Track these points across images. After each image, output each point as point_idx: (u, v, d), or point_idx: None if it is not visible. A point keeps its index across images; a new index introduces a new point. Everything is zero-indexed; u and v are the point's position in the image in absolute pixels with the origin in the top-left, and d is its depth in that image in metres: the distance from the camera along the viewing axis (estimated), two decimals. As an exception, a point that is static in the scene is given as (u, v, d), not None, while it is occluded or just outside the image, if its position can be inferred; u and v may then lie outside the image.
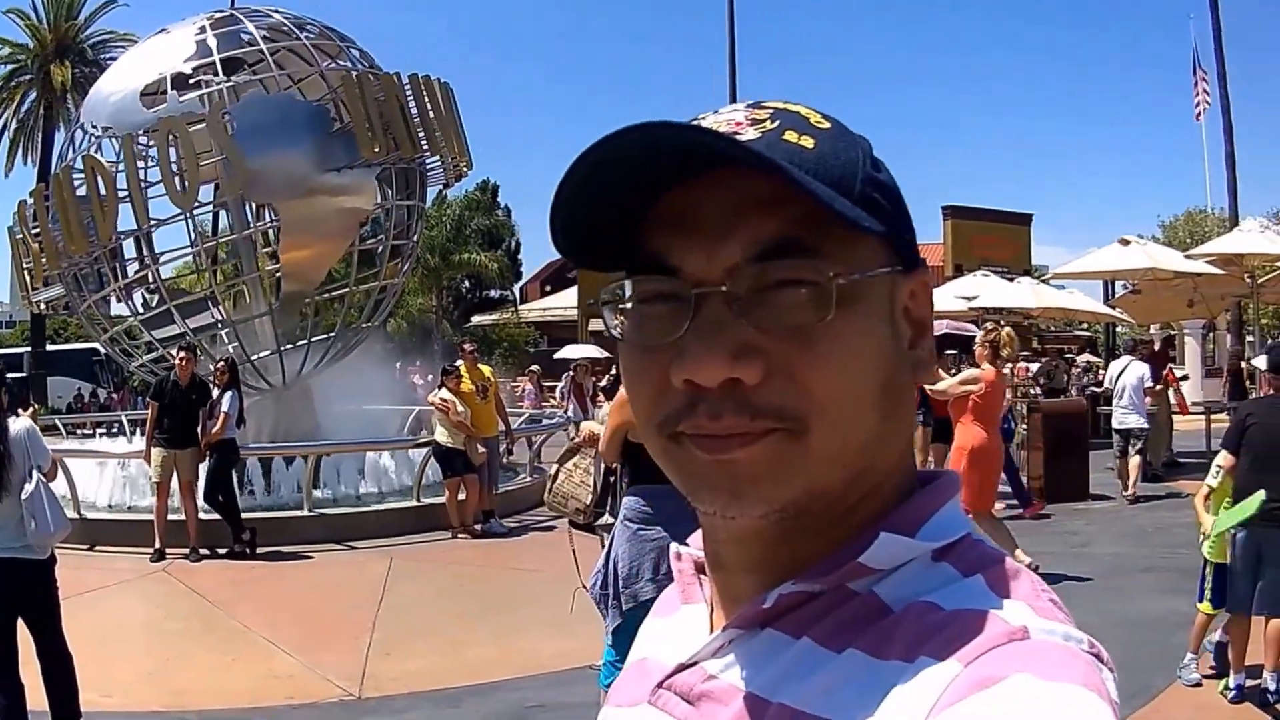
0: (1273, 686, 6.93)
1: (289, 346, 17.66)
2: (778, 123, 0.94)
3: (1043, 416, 16.45)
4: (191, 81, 17.23)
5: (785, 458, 0.90)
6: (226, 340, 17.85)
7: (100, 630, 9.38)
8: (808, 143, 0.92)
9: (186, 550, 12.90)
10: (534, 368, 30.78)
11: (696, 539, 1.13)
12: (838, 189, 0.89)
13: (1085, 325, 40.12)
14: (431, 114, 18.02)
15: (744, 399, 0.89)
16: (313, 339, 18.14)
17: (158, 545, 12.85)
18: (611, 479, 6.74)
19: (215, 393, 13.63)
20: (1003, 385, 11.07)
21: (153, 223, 16.93)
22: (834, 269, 0.89)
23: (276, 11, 18.26)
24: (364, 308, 19.38)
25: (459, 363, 15.40)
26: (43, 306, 19.91)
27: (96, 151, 17.04)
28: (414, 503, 15.31)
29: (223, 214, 18.73)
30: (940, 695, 0.80)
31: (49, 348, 44.91)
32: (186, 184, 16.13)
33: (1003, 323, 14.59)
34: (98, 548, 13.40)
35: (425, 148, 18.08)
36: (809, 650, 0.91)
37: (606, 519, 6.74)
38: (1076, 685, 0.78)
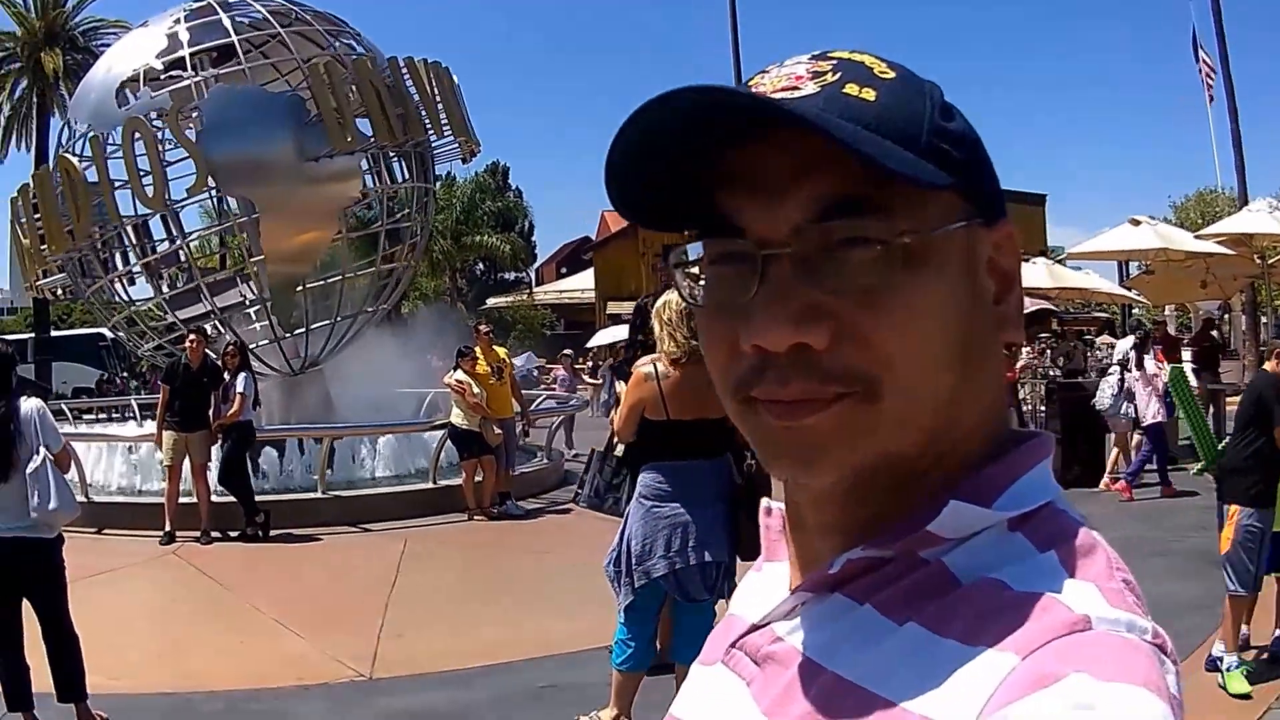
0: None
1: (294, 333, 17.71)
2: (839, 74, 0.91)
3: (1060, 399, 16.35)
4: (163, 76, 17.31)
5: (857, 423, 0.88)
6: (256, 318, 17.81)
7: (109, 613, 9.40)
8: (869, 95, 0.89)
9: (198, 533, 12.92)
10: (567, 352, 30.64)
11: None
12: (902, 142, 0.87)
13: (1103, 307, 40.24)
14: (418, 97, 18.02)
15: (813, 363, 0.87)
16: (337, 320, 18.15)
17: (168, 528, 12.89)
18: (612, 464, 6.69)
19: (226, 376, 13.60)
20: None
21: (171, 202, 16.92)
22: (902, 226, 0.87)
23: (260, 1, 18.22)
24: (373, 291, 19.37)
25: (475, 344, 15.29)
26: (46, 292, 19.87)
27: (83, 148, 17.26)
28: (430, 485, 15.30)
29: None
30: (996, 689, 0.78)
31: (53, 334, 44.88)
32: (153, 184, 16.24)
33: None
34: (106, 531, 13.45)
35: (406, 135, 17.88)
36: (870, 619, 0.90)
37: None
38: (1136, 686, 0.75)
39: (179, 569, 11.66)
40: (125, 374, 40.97)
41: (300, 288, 17.54)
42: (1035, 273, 24.45)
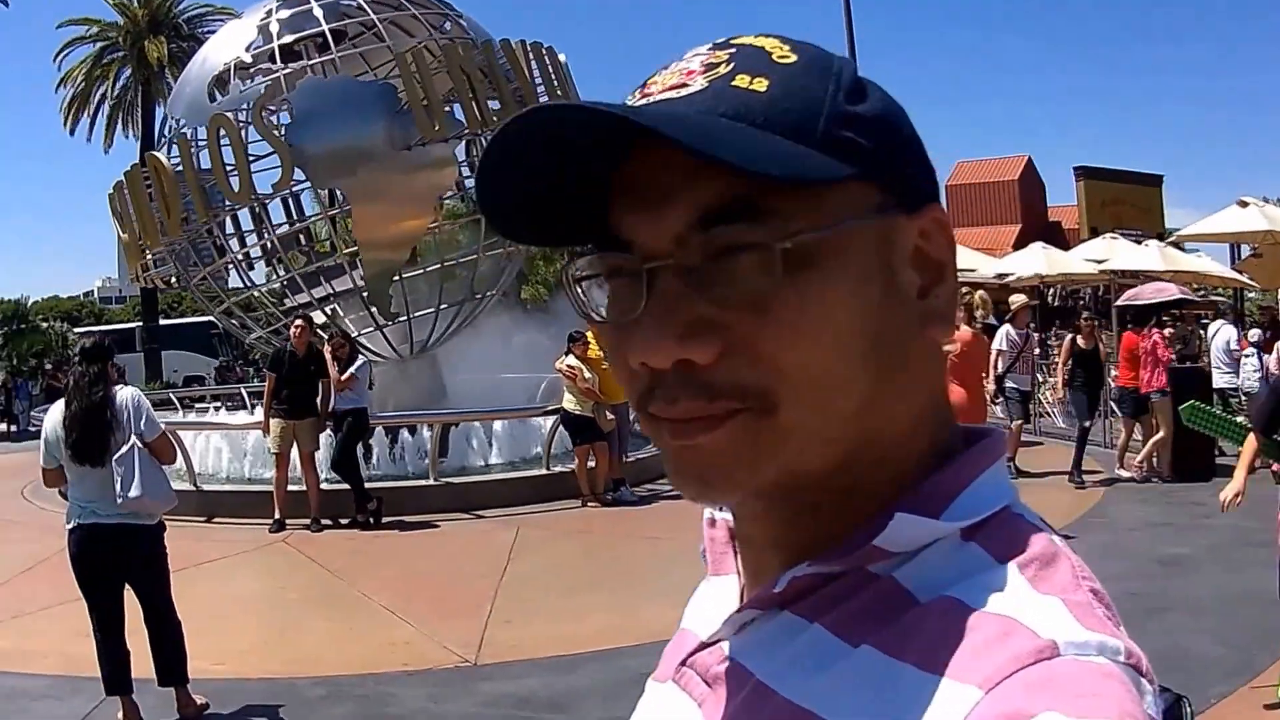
0: None
1: (397, 320, 17.73)
2: (732, 65, 0.87)
3: (1174, 386, 15.95)
4: (253, 70, 17.60)
5: (754, 439, 0.84)
6: (367, 304, 17.89)
7: (216, 600, 9.52)
8: (760, 86, 0.85)
9: (308, 521, 12.99)
10: None
11: None
12: (793, 134, 0.83)
13: (1219, 290, 39.46)
14: (517, 82, 17.75)
15: (700, 380, 0.83)
16: (441, 308, 18.09)
17: (278, 516, 13.00)
18: None
19: (335, 369, 13.67)
20: (982, 344, 12.01)
21: (257, 196, 17.20)
22: (790, 227, 0.82)
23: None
24: (491, 276, 19.30)
25: (587, 329, 15.18)
26: (155, 281, 20.16)
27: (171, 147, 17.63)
28: (543, 471, 15.26)
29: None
30: None
31: (163, 322, 45.82)
32: (239, 179, 16.41)
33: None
34: (216, 520, 13.61)
35: (500, 120, 17.32)
36: (821, 640, 0.86)
37: None
38: None
39: (288, 556, 11.74)
40: (239, 361, 41.77)
41: (397, 276, 17.52)
42: (1148, 256, 24.42)
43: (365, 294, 17.39)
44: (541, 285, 51.46)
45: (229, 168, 16.32)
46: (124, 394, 6.87)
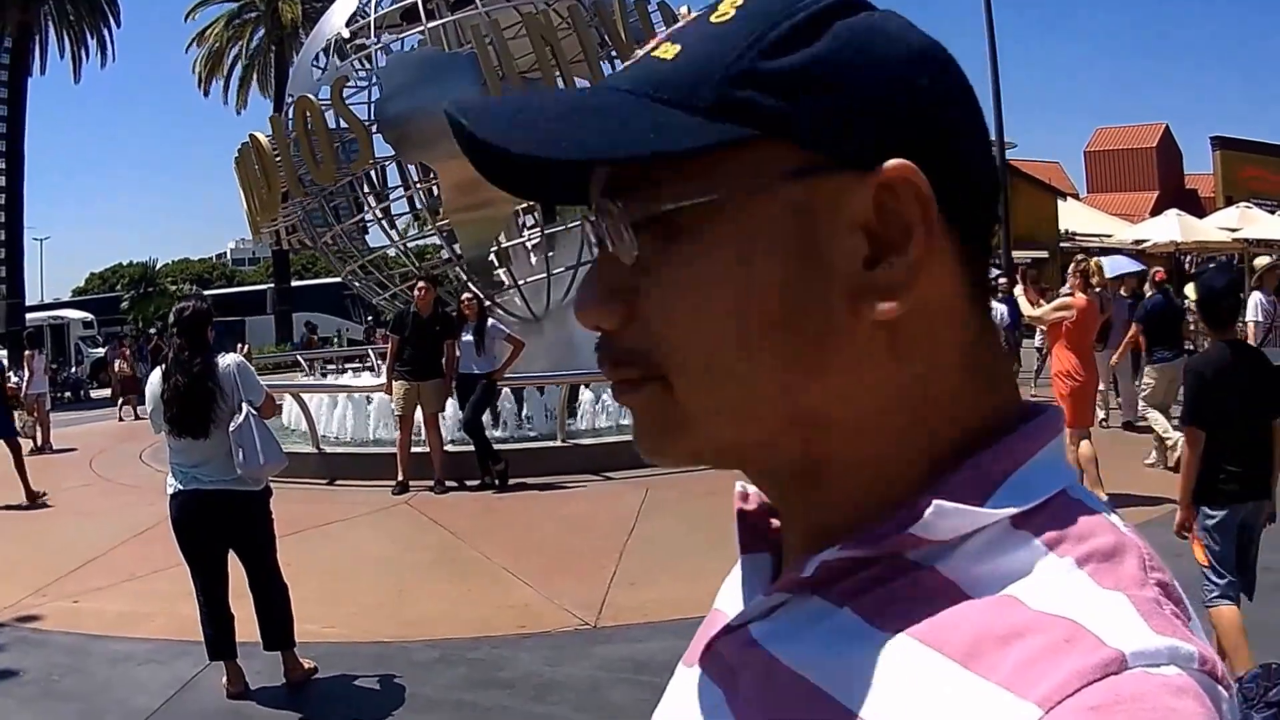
0: None
1: (501, 290, 17.97)
2: (677, 31, 0.87)
3: None
4: (349, 46, 18.07)
5: (661, 409, 0.85)
6: (467, 274, 18.04)
7: (334, 563, 9.71)
8: (669, 53, 0.84)
9: (431, 483, 13.08)
10: None
11: None
12: (684, 103, 0.80)
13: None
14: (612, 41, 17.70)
15: (609, 345, 0.87)
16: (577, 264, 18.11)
17: (400, 478, 13.14)
18: None
19: (465, 327, 13.77)
20: (1095, 311, 11.91)
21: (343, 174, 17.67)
22: (664, 196, 0.81)
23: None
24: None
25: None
26: (288, 242, 20.51)
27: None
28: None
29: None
30: None
31: (296, 284, 46.78)
32: (325, 158, 16.80)
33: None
34: (339, 482, 13.87)
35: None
36: (853, 627, 0.81)
37: None
38: None
39: (409, 518, 11.86)
40: (371, 322, 42.54)
41: (495, 247, 17.77)
42: None
43: (463, 263, 17.61)
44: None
45: (316, 148, 16.80)
46: (226, 361, 6.91)
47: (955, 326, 0.85)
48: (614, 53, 17.27)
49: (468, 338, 13.60)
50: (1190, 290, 7.46)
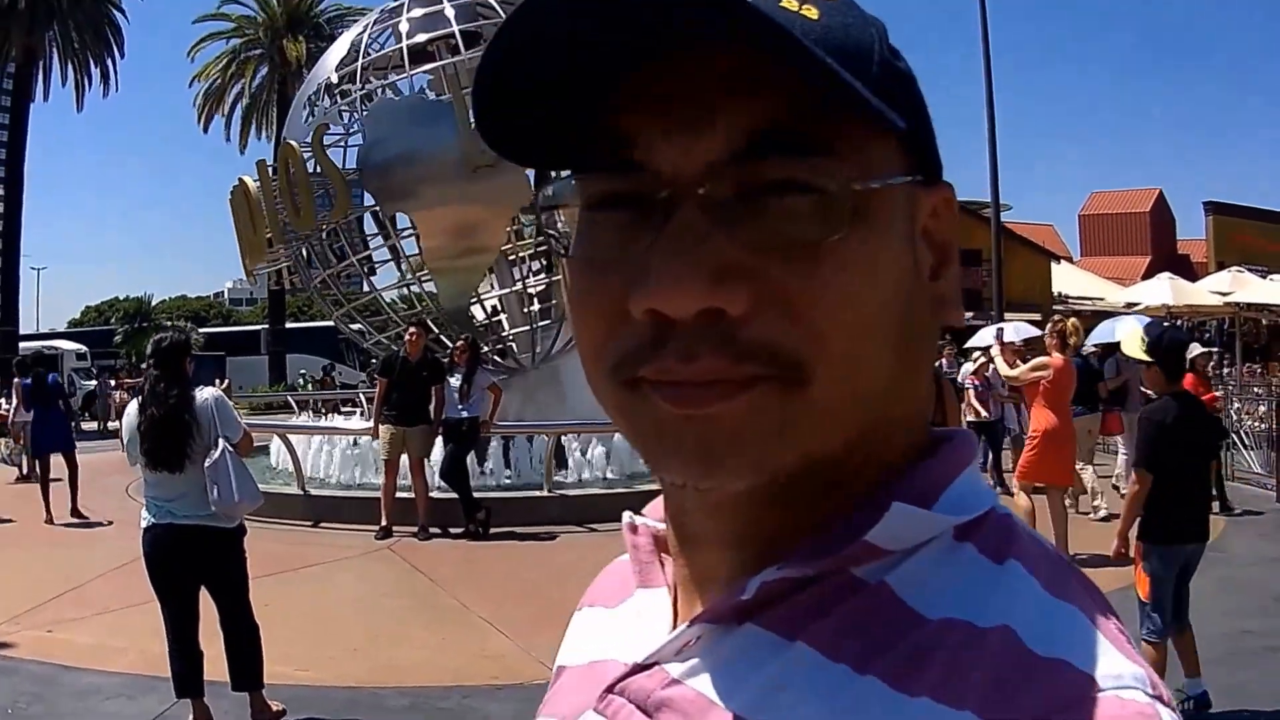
0: None
1: (494, 337, 18.10)
2: None
3: None
4: (336, 91, 18.18)
5: (777, 414, 0.74)
6: (447, 324, 18.11)
7: (313, 605, 9.70)
8: (811, 13, 0.73)
9: (415, 529, 13.08)
10: None
11: (655, 506, 0.99)
12: (851, 73, 0.69)
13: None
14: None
15: (727, 335, 0.73)
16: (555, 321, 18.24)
17: (384, 523, 13.12)
18: None
19: (454, 373, 13.79)
20: (1072, 371, 12.08)
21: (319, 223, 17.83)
22: (847, 170, 0.73)
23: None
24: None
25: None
26: (284, 275, 20.61)
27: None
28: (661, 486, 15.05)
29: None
30: None
31: (291, 325, 46.95)
32: (304, 206, 17.03)
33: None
34: (323, 525, 13.85)
35: None
36: (809, 662, 0.76)
37: None
38: None
39: (391, 563, 11.83)
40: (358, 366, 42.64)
41: (474, 298, 17.82)
42: (1274, 289, 26.00)
43: (444, 314, 17.72)
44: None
45: (297, 195, 16.95)
46: (205, 395, 6.91)
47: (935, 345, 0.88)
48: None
49: (455, 381, 13.61)
50: (1131, 347, 7.67)
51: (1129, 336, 8.20)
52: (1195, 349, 16.27)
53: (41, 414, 16.44)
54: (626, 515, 1.00)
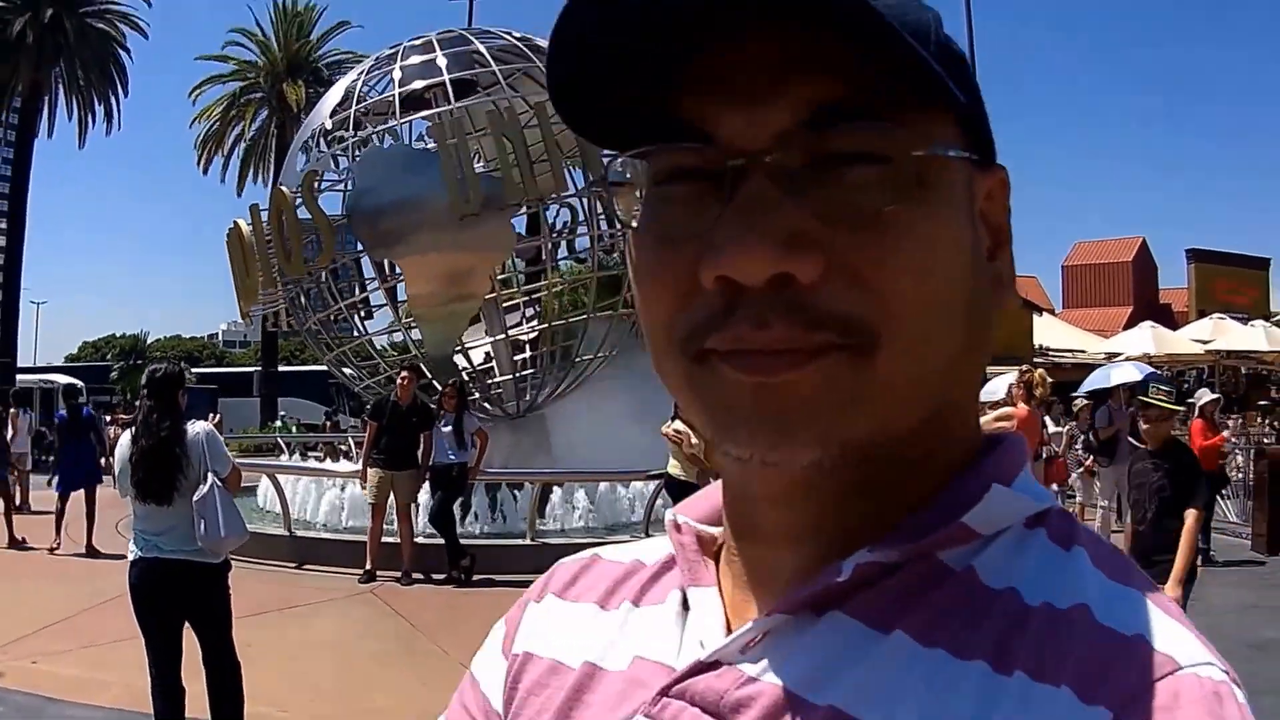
0: None
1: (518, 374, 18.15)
2: None
3: (1268, 462, 16.20)
4: (328, 137, 18.41)
5: (847, 384, 0.74)
6: (431, 374, 18.20)
7: (294, 646, 9.73)
8: None
9: (399, 574, 13.13)
10: None
11: (695, 506, 0.98)
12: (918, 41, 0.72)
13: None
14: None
15: (799, 301, 0.73)
16: (550, 367, 18.46)
17: (368, 566, 13.14)
18: None
19: (443, 417, 13.87)
20: (1036, 422, 12.27)
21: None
22: (910, 141, 0.74)
23: (480, 36, 18.71)
24: (601, 337, 19.33)
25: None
26: (282, 316, 20.70)
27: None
28: (644, 536, 15.05)
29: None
30: None
31: (284, 369, 46.82)
32: (293, 251, 17.23)
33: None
34: (308, 566, 13.90)
35: (541, 192, 16.94)
36: (909, 651, 0.76)
37: None
38: None
39: (373, 608, 11.88)
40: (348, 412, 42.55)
41: (458, 346, 17.94)
42: (1253, 336, 25.03)
43: (428, 362, 17.73)
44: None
45: (288, 241, 17.13)
46: (196, 429, 6.93)
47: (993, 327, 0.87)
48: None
49: (446, 429, 13.70)
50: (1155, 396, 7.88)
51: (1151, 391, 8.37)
52: (1205, 395, 16.48)
53: (74, 448, 16.47)
54: (669, 513, 0.98)
